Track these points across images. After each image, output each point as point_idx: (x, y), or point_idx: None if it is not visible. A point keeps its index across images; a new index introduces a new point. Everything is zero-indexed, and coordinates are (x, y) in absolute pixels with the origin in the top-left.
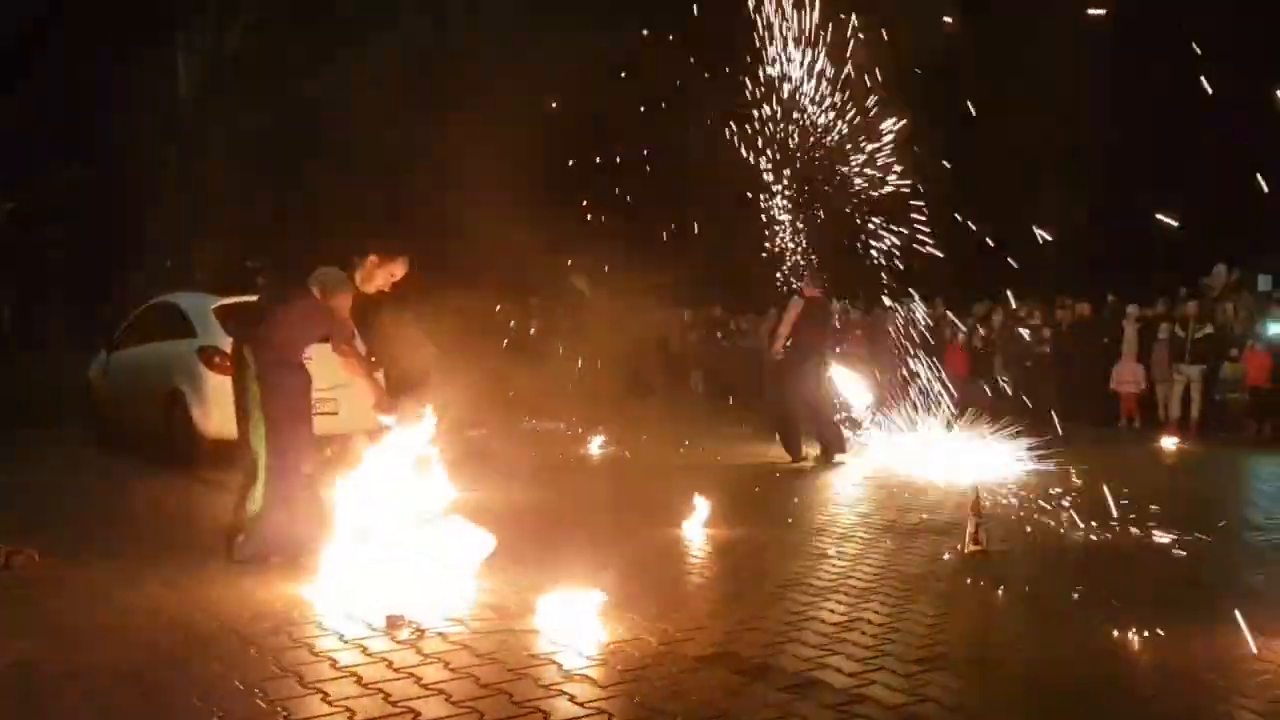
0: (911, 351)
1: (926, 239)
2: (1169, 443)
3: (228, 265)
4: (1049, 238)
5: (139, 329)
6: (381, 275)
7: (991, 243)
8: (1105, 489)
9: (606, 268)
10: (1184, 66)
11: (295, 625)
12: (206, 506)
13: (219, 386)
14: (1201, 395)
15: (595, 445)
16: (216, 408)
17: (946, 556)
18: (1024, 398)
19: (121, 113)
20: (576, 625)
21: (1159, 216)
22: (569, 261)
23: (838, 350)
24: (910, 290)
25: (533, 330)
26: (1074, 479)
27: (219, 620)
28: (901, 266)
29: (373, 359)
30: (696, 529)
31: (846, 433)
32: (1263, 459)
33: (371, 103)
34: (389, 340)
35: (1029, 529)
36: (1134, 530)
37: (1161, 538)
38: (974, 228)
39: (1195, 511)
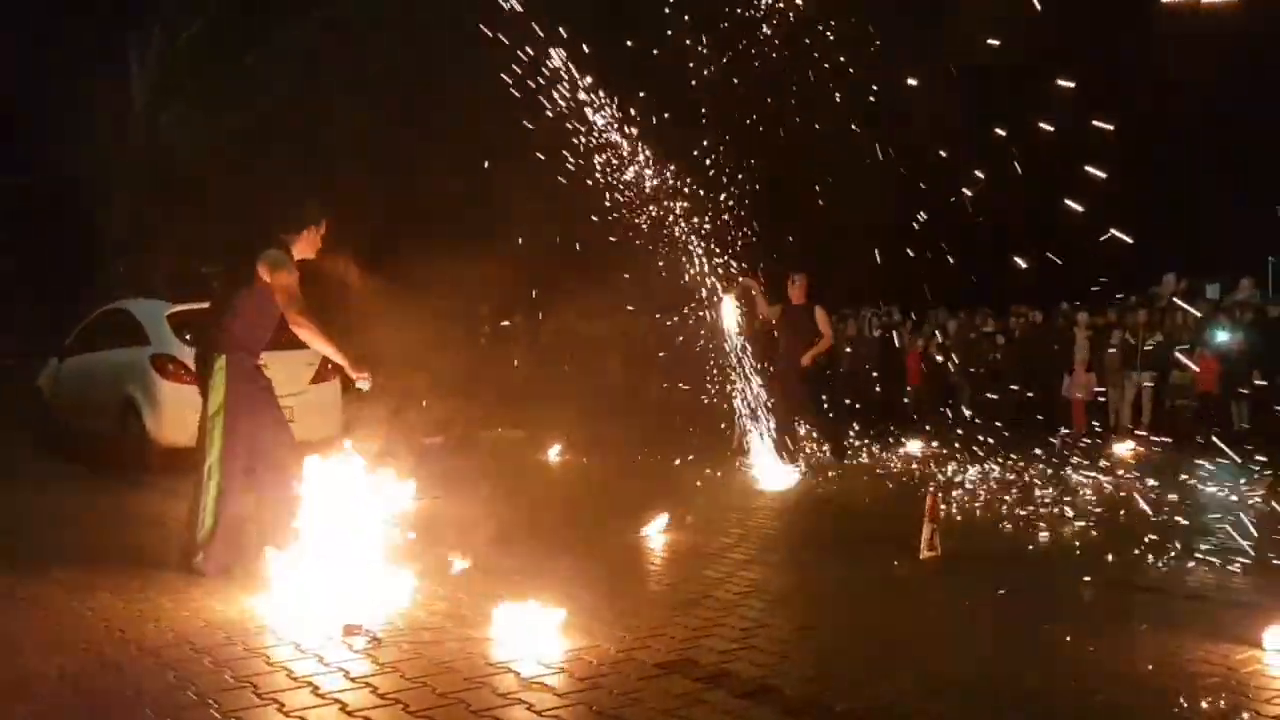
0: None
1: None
2: (1120, 449)
3: (183, 272)
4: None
5: (90, 336)
6: (314, 241)
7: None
8: (1058, 494)
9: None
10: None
11: (250, 635)
12: (159, 515)
13: (172, 394)
14: (1152, 402)
15: (554, 452)
16: (169, 415)
17: (898, 563)
18: (977, 405)
19: (72, 114)
20: (534, 633)
21: (1114, 232)
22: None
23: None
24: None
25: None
26: (1027, 485)
27: (172, 630)
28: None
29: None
30: (654, 536)
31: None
32: (1211, 464)
33: (327, 99)
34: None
35: (984, 534)
36: (1085, 534)
37: (1111, 541)
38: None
39: (1144, 517)
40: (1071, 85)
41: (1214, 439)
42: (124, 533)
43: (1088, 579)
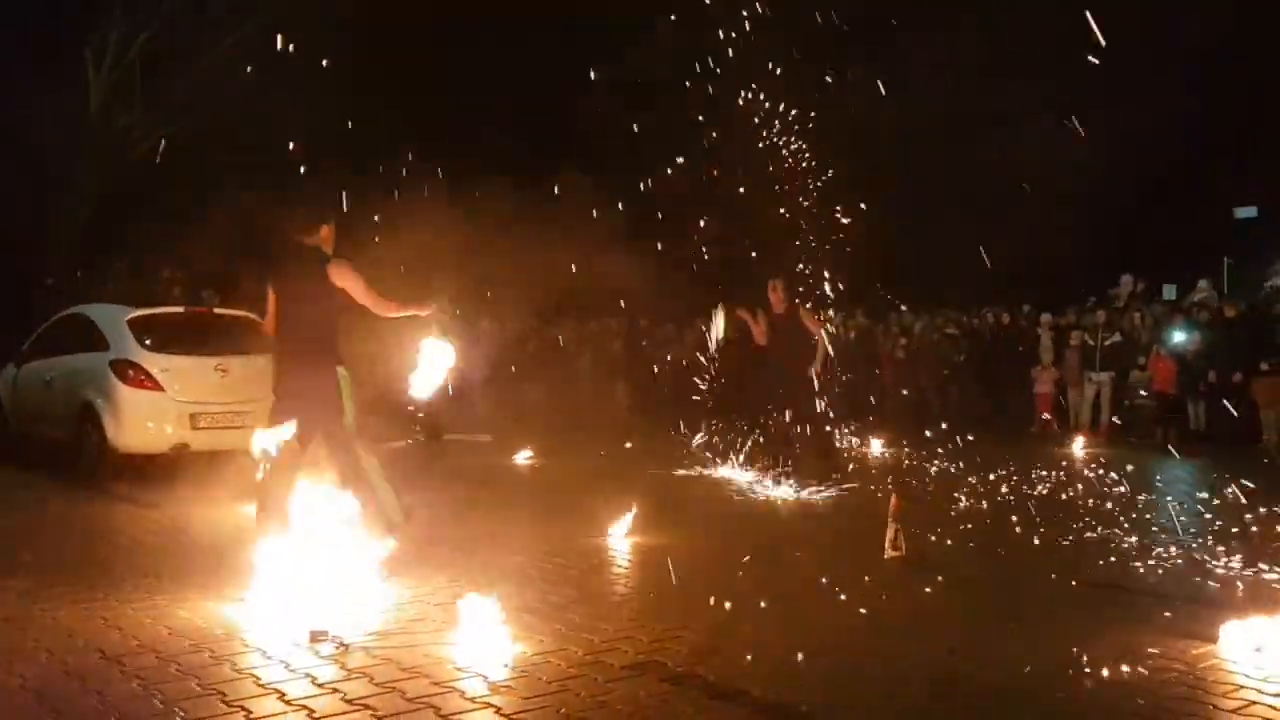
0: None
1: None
2: (1080, 447)
3: (141, 276)
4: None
5: (49, 342)
6: (331, 238)
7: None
8: (1020, 493)
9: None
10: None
11: (216, 642)
12: (118, 522)
13: (132, 399)
14: (1111, 401)
15: (521, 456)
16: (129, 421)
17: (863, 563)
18: (943, 403)
19: (25, 122)
20: (502, 637)
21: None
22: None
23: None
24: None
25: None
26: (991, 484)
27: (136, 638)
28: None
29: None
30: (621, 539)
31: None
32: (1169, 462)
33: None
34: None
35: (946, 533)
36: (1046, 532)
37: (1073, 539)
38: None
39: (1101, 515)
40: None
41: (1171, 438)
42: (84, 541)
43: (1048, 576)
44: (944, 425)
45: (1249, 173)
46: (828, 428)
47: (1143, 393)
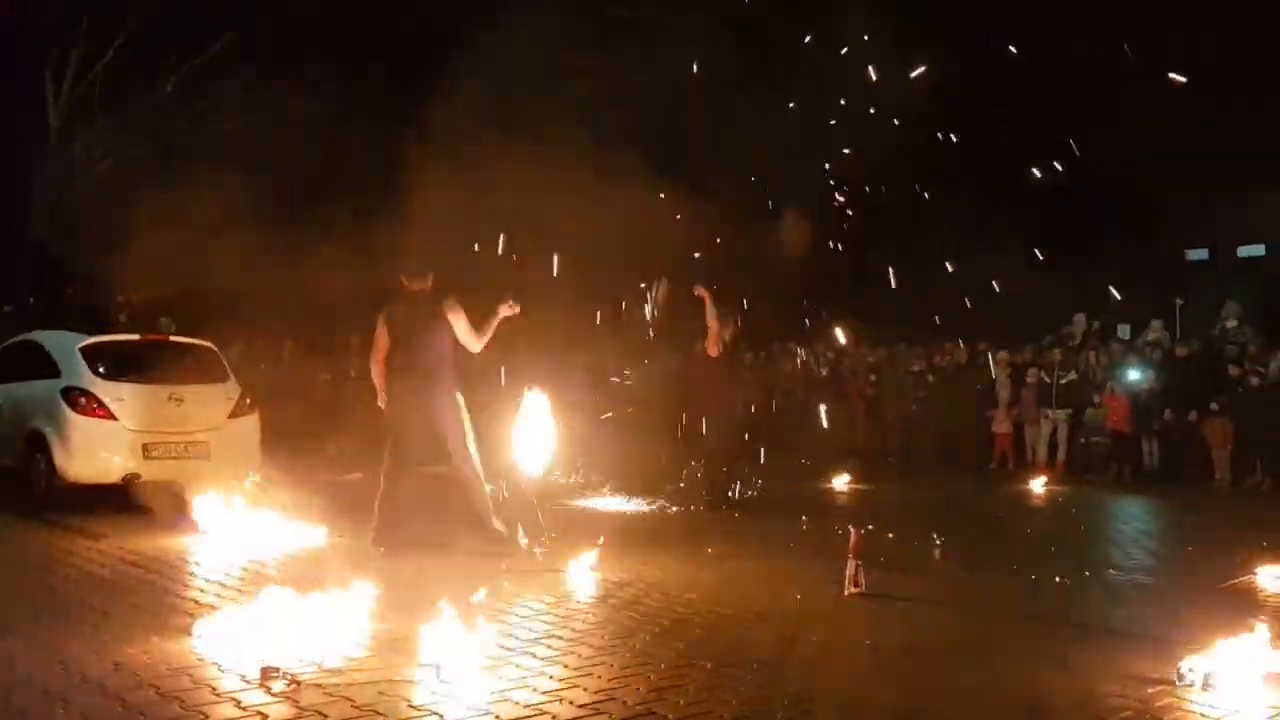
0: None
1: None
2: (1037, 484)
3: (96, 303)
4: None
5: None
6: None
7: None
8: (979, 530)
9: None
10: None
11: (163, 678)
12: (67, 554)
13: (83, 428)
14: (1067, 438)
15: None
16: (79, 450)
17: (822, 600)
18: (906, 439)
19: None
20: (459, 674)
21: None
22: None
23: None
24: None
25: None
26: (949, 520)
27: (81, 674)
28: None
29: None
30: (582, 573)
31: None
32: (1123, 500)
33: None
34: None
35: (907, 569)
36: (1003, 568)
37: (1026, 577)
38: None
39: (1060, 551)
40: None
41: (1126, 475)
42: (30, 572)
43: (1004, 613)
44: (907, 460)
45: (1199, 216)
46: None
47: (1096, 439)
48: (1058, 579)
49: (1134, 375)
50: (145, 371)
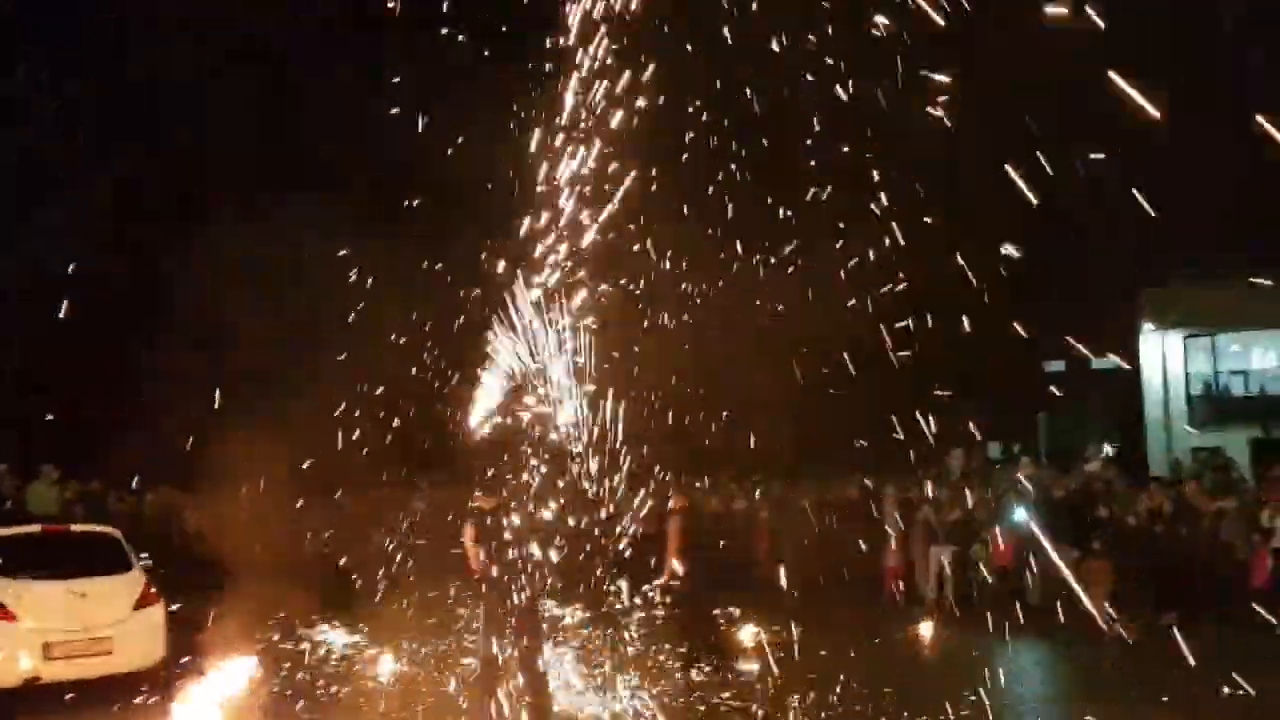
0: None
1: None
2: (923, 623)
3: None
4: None
5: None
6: None
7: None
8: (864, 673)
9: None
10: None
11: None
12: None
13: None
14: (955, 576)
15: None
16: None
17: None
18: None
19: None
20: None
21: None
22: None
23: None
24: None
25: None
26: (835, 662)
27: None
28: None
29: None
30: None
31: None
32: (1012, 640)
33: None
34: None
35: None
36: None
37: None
38: None
39: (948, 694)
40: None
41: (1011, 613)
42: None
43: None
44: (796, 595)
45: (1055, 328)
46: None
47: (988, 576)
48: None
49: (1018, 514)
50: (45, 565)
